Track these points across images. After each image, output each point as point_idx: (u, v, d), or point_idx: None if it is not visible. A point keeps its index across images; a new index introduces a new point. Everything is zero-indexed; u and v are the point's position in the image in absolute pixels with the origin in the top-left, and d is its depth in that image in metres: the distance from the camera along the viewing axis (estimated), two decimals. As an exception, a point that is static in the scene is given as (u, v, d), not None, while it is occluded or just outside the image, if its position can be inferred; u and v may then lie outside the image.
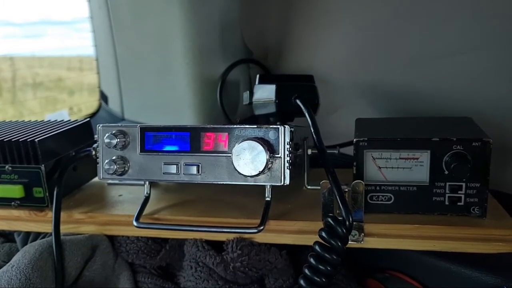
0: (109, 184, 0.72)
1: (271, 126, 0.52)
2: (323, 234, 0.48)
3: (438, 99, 0.68)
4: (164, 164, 0.55)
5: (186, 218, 0.59)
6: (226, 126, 0.53)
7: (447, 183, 0.53)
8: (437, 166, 0.52)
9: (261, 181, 0.52)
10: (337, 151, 0.62)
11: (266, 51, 0.89)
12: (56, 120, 0.72)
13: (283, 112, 0.66)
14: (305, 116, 0.61)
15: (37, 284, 0.55)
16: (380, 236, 0.54)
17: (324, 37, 0.81)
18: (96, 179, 0.73)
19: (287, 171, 0.52)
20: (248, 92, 0.70)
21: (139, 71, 0.97)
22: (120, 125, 0.57)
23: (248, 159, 0.51)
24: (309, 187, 0.63)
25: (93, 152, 0.62)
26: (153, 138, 0.56)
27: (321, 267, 0.47)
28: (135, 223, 0.57)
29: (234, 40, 0.88)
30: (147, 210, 0.60)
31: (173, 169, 0.55)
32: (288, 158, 0.52)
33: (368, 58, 0.77)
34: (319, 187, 0.62)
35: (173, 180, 0.55)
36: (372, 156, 0.55)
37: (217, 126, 0.54)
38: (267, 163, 0.50)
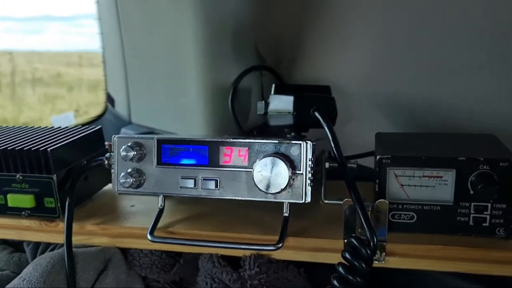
0: (120, 193, 0.70)
1: (293, 142, 0.51)
2: (347, 255, 0.47)
3: (457, 113, 0.67)
4: (182, 178, 0.54)
5: (202, 233, 0.57)
6: (246, 141, 0.52)
7: (472, 203, 0.51)
8: (462, 185, 0.51)
9: (282, 197, 0.51)
10: (355, 165, 0.61)
11: (279, 59, 0.88)
12: (66, 127, 0.71)
13: (301, 124, 0.65)
14: (322, 127, 0.60)
15: (48, 299, 0.54)
16: (401, 256, 0.52)
17: (340, 47, 0.80)
18: (106, 187, 0.71)
19: (309, 188, 0.51)
20: (263, 102, 0.69)
21: (148, 76, 0.95)
22: (136, 136, 0.55)
23: (270, 176, 0.49)
24: (326, 201, 0.61)
25: (106, 162, 0.61)
26: (170, 151, 0.54)
27: (345, 289, 0.45)
28: (149, 237, 0.56)
29: (247, 47, 0.87)
30: (161, 223, 0.59)
31: (190, 183, 0.53)
32: (310, 175, 0.51)
33: (385, 70, 0.75)
34: (336, 202, 0.61)
35: (190, 194, 0.54)
36: (395, 174, 0.53)
37: (236, 140, 0.52)
38: (289, 180, 0.49)
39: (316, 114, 0.61)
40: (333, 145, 0.56)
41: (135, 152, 0.53)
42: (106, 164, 0.61)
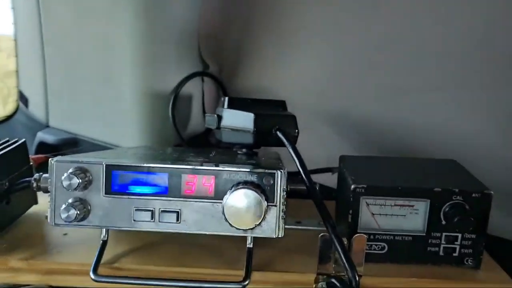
0: (47, 217, 0.60)
1: (267, 171, 0.46)
2: (328, 297, 0.43)
3: (413, 135, 0.66)
4: (136, 210, 0.46)
5: (155, 269, 0.50)
6: (213, 168, 0.46)
7: (444, 234, 0.50)
8: (435, 215, 0.50)
9: (254, 233, 0.46)
10: (317, 186, 0.58)
11: (222, 66, 0.82)
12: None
13: (259, 144, 0.60)
14: (282, 146, 0.56)
15: None
16: (373, 289, 0.50)
17: (287, 59, 0.76)
18: (30, 210, 0.61)
19: (282, 221, 0.46)
20: (215, 115, 0.63)
21: (73, 75, 0.85)
22: (79, 160, 0.47)
23: (243, 210, 0.44)
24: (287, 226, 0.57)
25: (35, 184, 0.52)
26: (121, 178, 0.47)
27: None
28: (92, 276, 0.48)
29: (191, 52, 0.80)
30: (104, 256, 0.51)
31: (146, 216, 0.46)
32: (283, 207, 0.46)
33: (336, 85, 0.73)
34: (298, 227, 0.57)
35: (147, 229, 0.47)
36: (366, 202, 0.51)
37: (202, 168, 0.46)
38: (264, 214, 0.44)
39: (279, 134, 0.57)
40: (300, 168, 0.52)
41: (80, 180, 0.45)
42: (35, 187, 0.52)
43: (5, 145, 0.58)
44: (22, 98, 1.01)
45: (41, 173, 0.52)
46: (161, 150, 0.65)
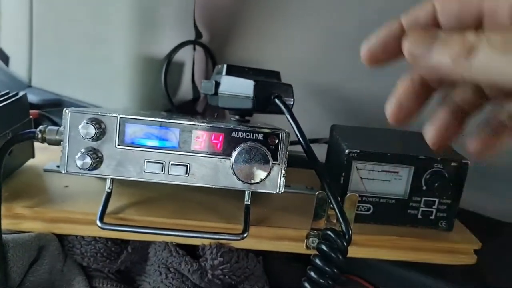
0: (46, 170, 0.62)
1: (272, 131, 0.49)
2: (324, 247, 0.47)
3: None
4: (147, 162, 0.49)
5: (157, 220, 0.53)
6: (222, 126, 0.49)
7: (423, 198, 0.56)
8: (417, 181, 0.55)
9: (257, 187, 0.50)
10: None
11: (214, 35, 0.84)
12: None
13: (257, 110, 0.63)
14: (280, 114, 0.59)
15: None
16: (360, 246, 0.55)
17: (280, 32, 0.79)
18: (27, 164, 0.63)
19: (283, 179, 0.50)
20: (212, 81, 0.65)
21: (62, 35, 0.84)
22: (92, 111, 0.49)
23: (250, 165, 0.48)
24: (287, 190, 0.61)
25: (39, 135, 0.53)
26: (134, 131, 0.49)
27: (322, 280, 0.46)
28: (99, 223, 0.50)
29: (186, 19, 0.81)
30: (108, 207, 0.53)
31: (157, 168, 0.49)
32: (285, 165, 0.50)
33: (328, 60, 0.77)
34: (289, 190, 0.61)
35: (156, 180, 0.49)
36: (357, 167, 0.55)
37: (212, 125, 0.49)
38: (270, 170, 0.48)
39: (277, 101, 0.60)
40: (298, 134, 0.56)
41: (96, 130, 0.47)
42: (40, 138, 0.53)
43: (5, 97, 0.58)
44: (3, 56, 0.99)
45: (46, 125, 0.54)
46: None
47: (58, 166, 0.61)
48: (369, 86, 0.74)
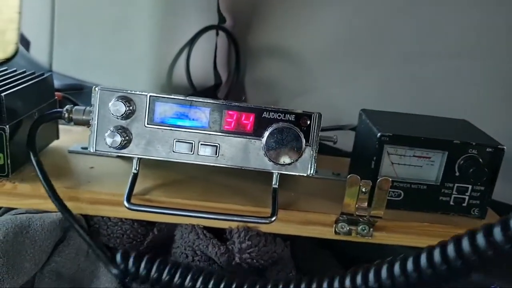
0: (71, 152, 0.61)
1: (304, 112, 0.48)
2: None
3: (429, 96, 0.70)
4: (176, 142, 0.48)
5: (184, 202, 0.52)
6: (253, 106, 0.48)
7: (456, 184, 0.54)
8: (450, 167, 0.54)
9: (288, 169, 0.49)
10: (335, 138, 0.61)
11: (238, 21, 0.83)
12: (5, 69, 0.59)
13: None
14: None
15: (2, 274, 0.45)
16: (389, 232, 0.54)
17: (304, 19, 0.78)
18: (52, 145, 0.62)
19: (314, 161, 0.49)
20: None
21: (84, 20, 0.84)
22: (122, 89, 0.48)
23: (281, 146, 0.47)
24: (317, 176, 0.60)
25: (66, 115, 0.52)
26: (164, 110, 0.48)
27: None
28: (126, 204, 0.49)
29: (209, 3, 0.80)
30: (134, 189, 0.52)
31: (186, 148, 0.48)
32: (317, 147, 0.49)
33: (351, 45, 0.75)
34: (316, 176, 0.60)
35: (185, 160, 0.49)
36: (388, 151, 0.54)
37: (243, 105, 0.48)
38: (302, 152, 0.47)
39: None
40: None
41: (126, 108, 0.46)
42: (66, 118, 0.53)
43: (31, 76, 0.58)
44: (23, 41, 0.99)
45: (72, 105, 0.53)
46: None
47: (83, 148, 0.60)
48: (397, 72, 0.72)
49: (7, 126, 0.49)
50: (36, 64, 0.96)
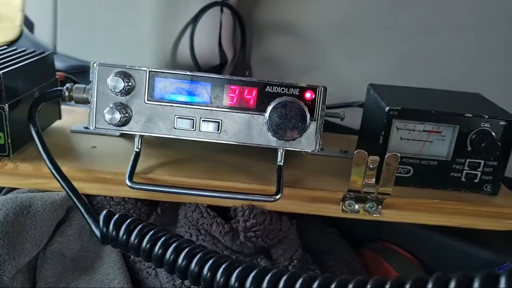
0: (73, 131, 0.61)
1: (309, 85, 0.47)
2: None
3: (439, 71, 0.67)
4: (177, 118, 0.47)
5: (188, 180, 0.51)
6: (256, 80, 0.47)
7: (468, 160, 0.52)
8: (461, 141, 0.52)
9: (292, 145, 0.47)
10: (343, 115, 0.60)
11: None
12: (4, 48, 0.58)
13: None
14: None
15: (3, 255, 0.44)
16: (398, 209, 0.52)
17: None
18: (54, 125, 0.61)
19: (319, 136, 0.48)
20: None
21: (88, 0, 0.83)
22: (121, 65, 0.47)
23: (285, 120, 0.45)
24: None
25: (66, 93, 0.52)
26: (164, 85, 0.47)
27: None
28: (128, 183, 0.48)
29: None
30: (137, 168, 0.51)
31: (187, 124, 0.47)
32: (322, 122, 0.47)
33: (359, 22, 0.73)
34: (322, 153, 0.59)
35: (187, 137, 0.48)
36: (396, 127, 0.52)
37: (245, 79, 0.47)
38: (307, 127, 0.45)
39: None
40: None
41: (125, 83, 0.45)
42: (67, 97, 0.52)
43: (31, 54, 0.57)
44: (27, 23, 0.98)
45: (73, 83, 0.52)
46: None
47: (85, 127, 0.59)
48: (408, 46, 0.70)
49: (7, 105, 0.49)
50: (41, 45, 0.95)
